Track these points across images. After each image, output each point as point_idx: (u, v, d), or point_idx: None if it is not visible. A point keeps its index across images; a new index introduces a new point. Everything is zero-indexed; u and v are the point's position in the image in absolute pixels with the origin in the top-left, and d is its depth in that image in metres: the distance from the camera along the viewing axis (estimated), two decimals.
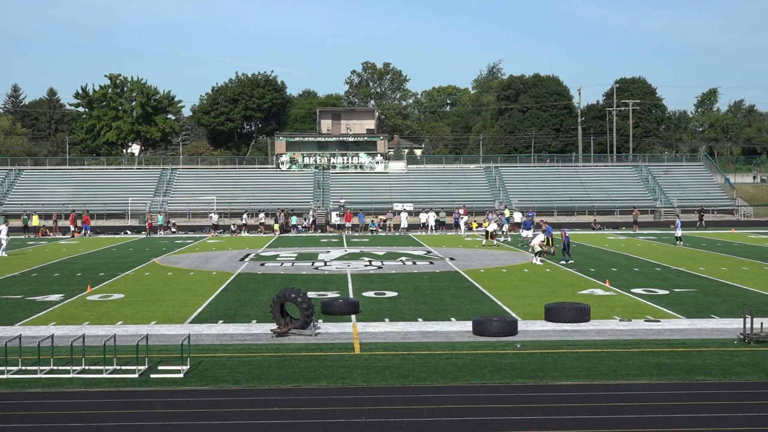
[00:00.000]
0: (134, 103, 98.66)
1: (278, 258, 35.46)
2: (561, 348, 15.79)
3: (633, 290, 23.78)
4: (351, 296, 22.90)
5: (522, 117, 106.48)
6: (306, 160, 75.16)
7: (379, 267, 31.11)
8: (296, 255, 36.98)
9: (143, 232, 54.07)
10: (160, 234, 53.62)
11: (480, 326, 17.07)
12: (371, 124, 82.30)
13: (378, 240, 46.96)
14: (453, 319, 19.12)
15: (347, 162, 75.33)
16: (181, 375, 13.68)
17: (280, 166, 75.12)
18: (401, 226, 55.25)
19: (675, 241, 41.19)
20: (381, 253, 37.16)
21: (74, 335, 16.10)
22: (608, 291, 23.79)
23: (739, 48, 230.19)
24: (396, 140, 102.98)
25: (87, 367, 14.10)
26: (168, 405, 12.07)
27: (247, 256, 36.28)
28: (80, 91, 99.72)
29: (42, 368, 13.89)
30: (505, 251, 38.11)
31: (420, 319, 19.15)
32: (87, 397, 12.51)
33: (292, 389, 12.92)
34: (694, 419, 11.24)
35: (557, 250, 33.58)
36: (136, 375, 13.65)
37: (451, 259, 33.90)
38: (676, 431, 10.80)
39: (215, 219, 56.45)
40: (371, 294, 23.44)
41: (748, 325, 16.34)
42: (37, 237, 52.22)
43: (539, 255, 32.09)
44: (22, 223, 54.63)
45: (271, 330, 17.25)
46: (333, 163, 75.07)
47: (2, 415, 11.58)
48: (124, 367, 14.10)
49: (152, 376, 13.65)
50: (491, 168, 75.62)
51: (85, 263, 33.40)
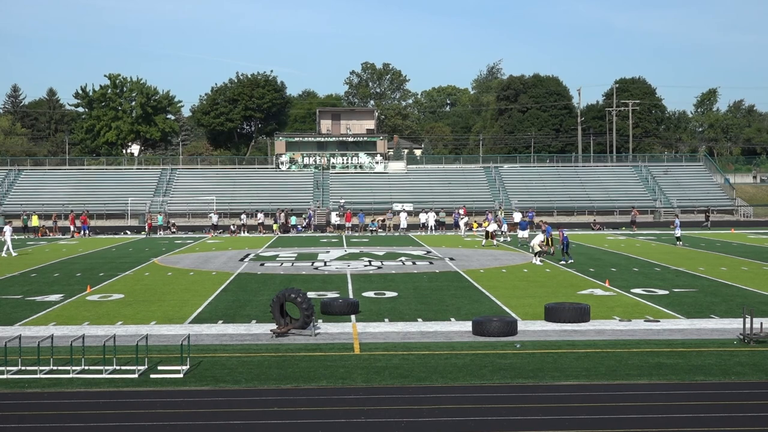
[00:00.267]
0: (134, 103, 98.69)
1: (278, 258, 35.46)
2: (561, 348, 15.80)
3: (633, 290, 23.78)
4: (351, 296, 22.90)
5: (522, 117, 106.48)
6: (306, 160, 75.18)
7: (379, 267, 31.11)
8: (296, 255, 36.98)
9: (143, 233, 54.05)
10: (160, 234, 53.61)
11: (480, 326, 17.07)
12: (371, 125, 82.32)
13: (378, 240, 46.96)
14: (453, 319, 19.12)
15: (347, 162, 75.34)
16: (181, 375, 13.68)
17: (280, 167, 75.13)
18: (400, 227, 55.25)
19: (674, 241, 41.21)
20: (381, 253, 37.16)
21: (74, 335, 16.10)
22: (608, 291, 23.79)
23: (739, 48, 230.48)
24: (396, 140, 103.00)
25: (87, 367, 14.10)
26: (168, 405, 12.07)
27: (247, 257, 36.28)
28: (80, 91, 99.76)
29: (42, 368, 13.89)
30: (505, 251, 38.12)
31: (420, 319, 19.15)
32: (87, 397, 12.51)
33: (292, 389, 12.92)
34: (694, 419, 11.24)
35: (557, 251, 33.59)
36: (136, 375, 13.65)
37: (451, 259, 33.90)
38: (676, 431, 10.81)
39: (215, 219, 56.44)
40: (371, 294, 23.45)
41: (748, 325, 16.34)
42: (37, 237, 52.22)
43: (539, 255, 32.10)
44: (22, 224, 54.66)
45: (271, 330, 17.26)
46: (333, 163, 75.07)
47: (2, 415, 11.58)
48: (124, 367, 14.09)
49: (152, 376, 13.65)
50: (491, 168, 75.64)
51: (85, 263, 33.40)
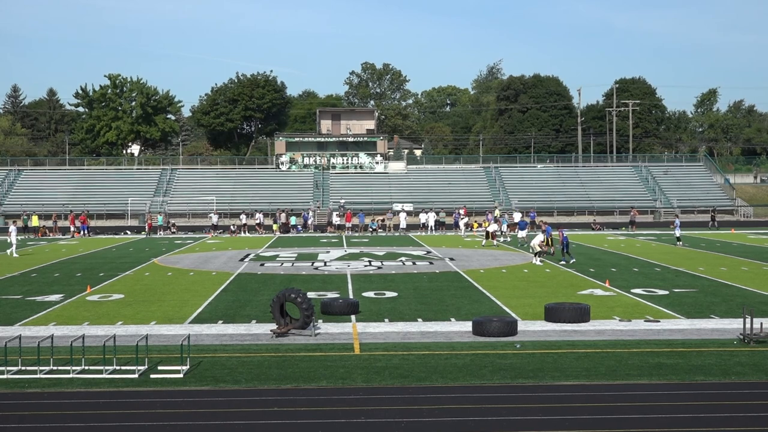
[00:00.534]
0: (134, 103, 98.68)
1: (278, 258, 35.47)
2: (561, 348, 15.80)
3: (633, 290, 23.78)
4: (351, 296, 22.90)
5: (522, 117, 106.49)
6: (306, 161, 75.18)
7: (379, 267, 31.11)
8: (296, 255, 36.98)
9: (143, 233, 54.04)
10: (160, 234, 53.61)
11: (480, 326, 17.07)
12: (371, 125, 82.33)
13: (378, 240, 46.95)
14: (453, 320, 19.12)
15: (347, 162, 75.34)
16: (181, 375, 13.68)
17: (280, 167, 75.13)
18: (400, 227, 55.26)
19: (674, 242, 41.21)
20: (381, 254, 37.16)
21: (74, 335, 16.10)
22: (608, 291, 23.79)
23: (739, 48, 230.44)
24: (396, 140, 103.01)
25: (87, 368, 14.10)
26: (168, 405, 12.07)
27: (247, 257, 36.28)
28: (80, 91, 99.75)
29: (42, 368, 13.89)
30: (505, 251, 38.12)
31: (420, 320, 19.15)
32: (87, 397, 12.51)
33: (292, 389, 12.92)
34: (694, 419, 11.24)
35: (557, 251, 33.59)
36: (136, 375, 13.65)
37: (451, 260, 33.90)
38: (676, 431, 10.81)
39: (215, 219, 56.44)
40: (371, 294, 23.45)
41: (748, 325, 16.34)
42: (37, 237, 52.22)
43: (539, 255, 32.10)
44: (22, 224, 54.63)
45: (271, 330, 17.26)
46: (333, 164, 75.07)
47: (2, 415, 11.58)
48: (124, 368, 14.10)
49: (152, 377, 13.65)
50: (491, 168, 75.65)
51: (85, 263, 33.40)
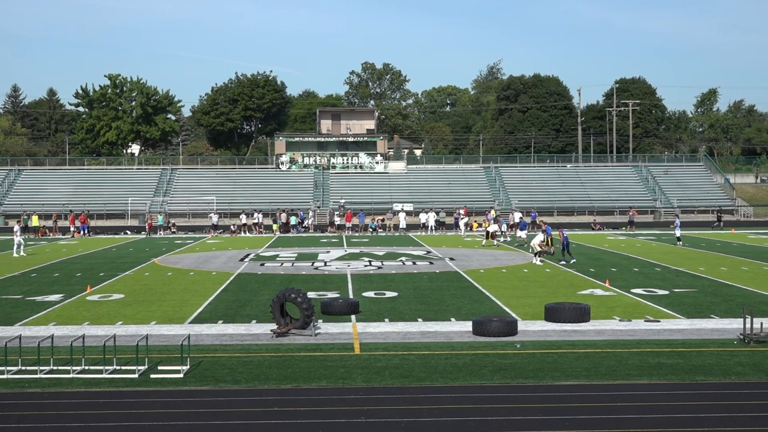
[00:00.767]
0: (134, 103, 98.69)
1: (278, 258, 35.46)
2: (561, 348, 15.79)
3: (633, 290, 23.78)
4: (351, 296, 22.90)
5: (522, 117, 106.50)
6: (306, 160, 75.19)
7: (379, 267, 31.11)
8: (296, 255, 36.98)
9: (143, 233, 54.04)
10: (160, 234, 53.60)
11: (480, 326, 17.07)
12: (371, 125, 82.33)
13: (378, 240, 46.95)
14: (453, 319, 19.12)
15: (347, 162, 75.34)
16: (181, 375, 13.68)
17: (280, 166, 75.14)
18: (400, 226, 55.26)
19: (675, 241, 41.21)
20: (381, 254, 37.16)
21: (74, 335, 16.10)
22: (608, 291, 23.79)
23: (739, 48, 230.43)
24: (396, 140, 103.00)
25: (87, 367, 14.10)
26: (168, 405, 12.07)
27: (247, 257, 36.28)
28: (80, 91, 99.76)
29: (42, 368, 13.89)
30: (505, 251, 38.11)
31: (420, 319, 19.15)
32: (87, 397, 12.51)
33: (292, 389, 12.92)
34: (694, 419, 11.24)
35: (557, 251, 33.59)
36: (136, 375, 13.65)
37: (451, 260, 33.90)
38: (676, 431, 10.81)
39: (215, 219, 56.43)
40: (371, 294, 23.44)
41: (748, 325, 16.34)
42: (37, 237, 52.22)
43: (539, 255, 32.09)
44: (22, 223, 54.61)
45: (271, 330, 17.25)
46: (333, 163, 75.09)
47: (2, 415, 11.58)
48: (124, 367, 14.09)
49: (152, 376, 13.65)
50: (491, 168, 75.63)
51: (85, 263, 33.40)
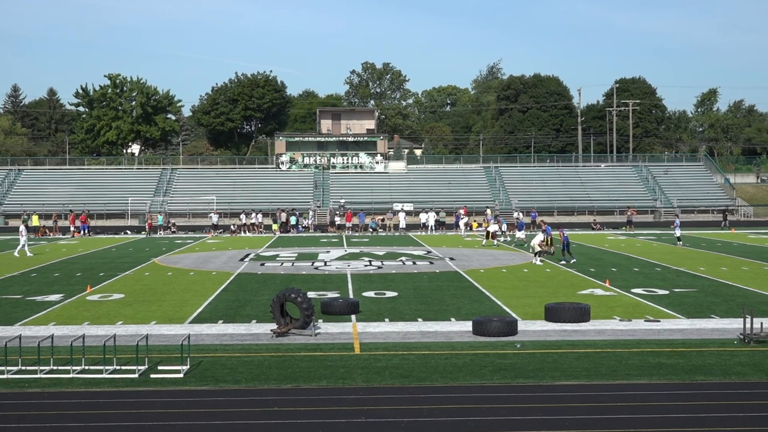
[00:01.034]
0: (134, 103, 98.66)
1: (278, 258, 35.46)
2: (561, 348, 15.79)
3: (633, 290, 23.78)
4: (351, 296, 22.90)
5: (522, 117, 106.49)
6: (306, 160, 75.18)
7: (379, 267, 31.11)
8: (296, 255, 36.98)
9: (143, 232, 54.06)
10: (160, 234, 53.61)
11: (480, 326, 17.07)
12: (371, 124, 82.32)
13: (378, 240, 46.95)
14: (453, 319, 19.12)
15: (347, 162, 75.34)
16: (181, 375, 13.68)
17: (280, 166, 75.14)
18: (400, 226, 55.28)
19: (675, 241, 41.21)
20: (381, 253, 37.16)
21: (74, 335, 16.09)
22: (608, 291, 23.79)
23: (739, 48, 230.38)
24: (396, 140, 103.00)
25: (87, 367, 14.10)
26: (168, 405, 12.07)
27: (247, 256, 36.28)
28: (80, 91, 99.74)
29: (42, 368, 13.89)
30: (505, 251, 38.11)
31: (420, 319, 19.15)
32: (87, 397, 12.51)
33: (292, 389, 12.92)
34: (694, 419, 11.24)
35: (557, 251, 33.59)
36: (136, 375, 13.65)
37: (451, 259, 33.90)
38: (676, 431, 10.80)
39: (215, 219, 56.44)
40: (371, 294, 23.44)
41: (748, 325, 16.34)
42: (37, 237, 52.21)
43: (539, 255, 32.09)
44: (22, 223, 54.61)
45: (271, 330, 17.25)
46: (333, 163, 75.08)
47: (2, 415, 11.58)
48: (124, 367, 14.09)
49: (152, 376, 13.65)
50: (491, 168, 75.63)
51: (85, 263, 33.40)
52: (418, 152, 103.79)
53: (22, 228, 38.55)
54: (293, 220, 56.30)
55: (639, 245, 40.94)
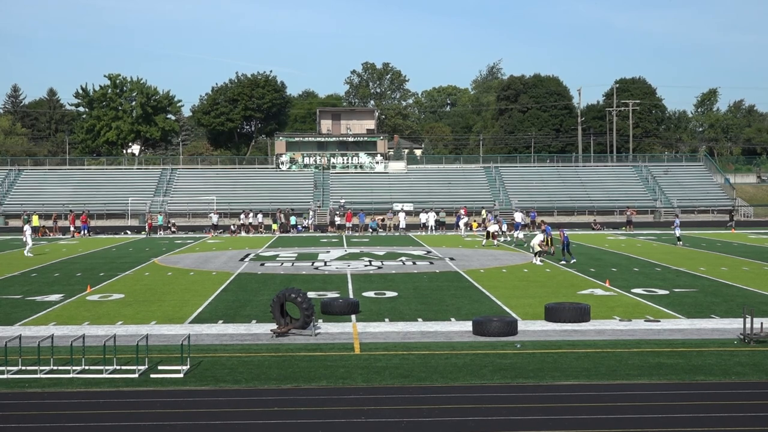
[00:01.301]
0: (134, 103, 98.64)
1: (278, 258, 35.46)
2: (561, 348, 15.79)
3: (633, 290, 23.78)
4: (351, 296, 22.90)
5: (522, 117, 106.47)
6: (306, 160, 75.18)
7: (379, 267, 31.11)
8: (296, 255, 36.98)
9: (143, 232, 54.06)
10: (160, 234, 53.62)
11: (480, 326, 17.07)
12: (371, 124, 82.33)
13: (378, 240, 46.96)
14: (453, 319, 19.12)
15: (347, 162, 75.34)
16: (181, 375, 13.68)
17: (280, 166, 75.14)
18: (400, 226, 55.29)
19: (675, 241, 41.22)
20: (381, 253, 37.17)
21: (74, 335, 16.10)
22: (608, 291, 23.79)
23: (739, 48, 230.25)
24: (396, 140, 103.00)
25: (87, 367, 14.10)
26: (168, 405, 12.07)
27: (247, 256, 36.28)
28: (80, 91, 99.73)
29: (42, 368, 13.89)
30: (505, 251, 38.12)
31: (420, 319, 19.15)
32: (87, 397, 12.51)
33: (292, 389, 12.92)
34: (694, 419, 11.24)
35: (557, 251, 33.59)
36: (136, 375, 13.65)
37: (451, 259, 33.90)
38: (676, 431, 10.80)
39: (215, 219, 56.45)
40: (371, 294, 23.45)
41: (748, 325, 16.34)
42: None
43: (539, 255, 32.09)
44: (23, 223, 54.63)
45: (271, 330, 17.26)
46: (333, 163, 75.08)
47: (2, 415, 11.58)
48: (124, 367, 14.10)
49: (152, 376, 13.65)
50: (491, 168, 75.64)
51: (85, 263, 33.40)
52: (418, 152, 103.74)
53: (27, 228, 38.55)
54: (293, 220, 56.33)
55: (639, 245, 40.94)
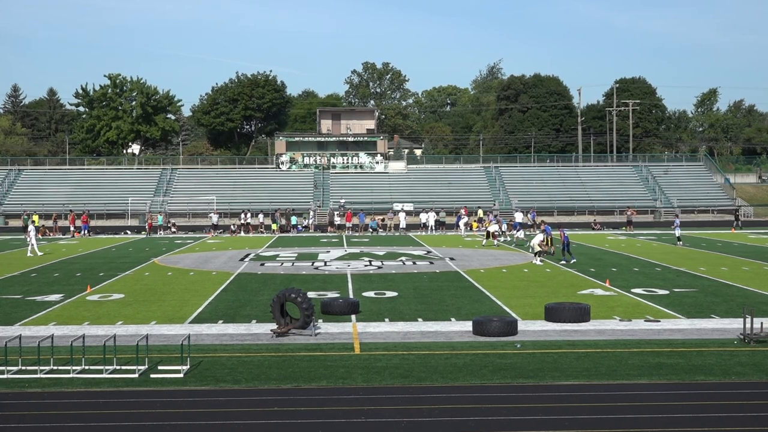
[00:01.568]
0: (134, 103, 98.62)
1: (278, 258, 35.46)
2: (561, 348, 15.80)
3: (633, 290, 23.78)
4: (351, 296, 22.90)
5: (522, 117, 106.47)
6: (306, 160, 75.18)
7: (379, 267, 31.11)
8: (296, 255, 36.98)
9: (143, 232, 54.08)
10: (160, 234, 53.63)
11: (480, 326, 17.07)
12: (371, 124, 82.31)
13: (378, 240, 46.96)
14: (453, 319, 19.12)
15: (347, 162, 75.33)
16: (181, 375, 13.68)
17: (280, 166, 75.13)
18: (400, 226, 55.30)
19: (675, 241, 41.22)
20: (381, 253, 37.16)
21: (74, 335, 16.09)
22: (608, 291, 23.79)
23: (739, 48, 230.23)
24: (396, 140, 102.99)
25: (87, 367, 14.10)
26: (168, 405, 12.07)
27: (247, 256, 36.28)
28: (80, 91, 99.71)
29: (42, 368, 13.89)
30: (505, 251, 38.11)
31: (420, 319, 19.15)
32: (87, 397, 12.51)
33: (292, 389, 12.92)
34: (694, 419, 11.24)
35: (557, 251, 33.59)
36: (136, 375, 13.65)
37: (451, 259, 33.90)
38: (676, 431, 10.80)
39: (215, 219, 56.45)
40: (371, 294, 23.45)
41: (748, 325, 16.34)
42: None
43: (539, 255, 32.09)
44: (23, 223, 54.65)
45: (271, 330, 17.26)
46: (333, 163, 75.07)
47: (2, 415, 11.58)
48: (124, 367, 14.10)
49: (152, 376, 13.65)
50: (491, 168, 75.63)
51: (85, 263, 33.40)
52: (418, 152, 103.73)
53: (32, 228, 38.57)
54: (293, 220, 56.34)
55: (639, 245, 40.94)
